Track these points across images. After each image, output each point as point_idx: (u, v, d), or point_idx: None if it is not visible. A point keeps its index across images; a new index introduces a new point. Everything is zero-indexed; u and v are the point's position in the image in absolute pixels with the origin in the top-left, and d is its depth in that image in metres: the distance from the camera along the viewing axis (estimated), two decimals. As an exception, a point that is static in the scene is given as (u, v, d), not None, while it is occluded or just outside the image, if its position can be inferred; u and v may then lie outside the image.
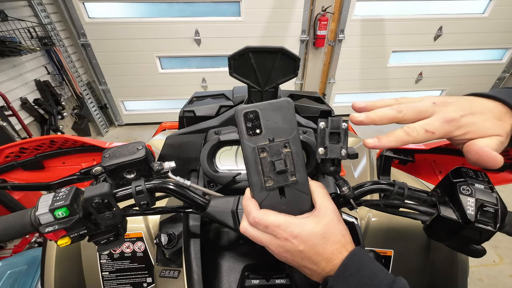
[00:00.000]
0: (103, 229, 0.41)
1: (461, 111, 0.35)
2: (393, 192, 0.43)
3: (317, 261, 0.33)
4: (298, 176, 0.36)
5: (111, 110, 3.54)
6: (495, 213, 0.38)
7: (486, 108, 0.35)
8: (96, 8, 2.83)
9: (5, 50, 2.12)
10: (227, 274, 0.51)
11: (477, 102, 0.36)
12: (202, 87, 3.41)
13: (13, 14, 2.30)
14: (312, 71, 3.39)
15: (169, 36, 2.99)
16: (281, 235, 0.33)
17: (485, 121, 0.34)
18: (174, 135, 0.68)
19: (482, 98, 0.37)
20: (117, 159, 0.41)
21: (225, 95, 0.80)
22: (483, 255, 0.41)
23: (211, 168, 0.58)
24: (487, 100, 0.36)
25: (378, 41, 3.24)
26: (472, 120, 0.34)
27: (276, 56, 0.52)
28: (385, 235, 0.71)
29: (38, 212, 0.35)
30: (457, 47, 3.38)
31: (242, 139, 0.35)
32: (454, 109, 0.35)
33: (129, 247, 0.67)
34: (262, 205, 0.36)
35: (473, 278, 1.72)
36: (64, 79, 2.92)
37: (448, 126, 0.34)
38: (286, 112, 0.35)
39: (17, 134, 2.12)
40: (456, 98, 0.37)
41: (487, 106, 0.35)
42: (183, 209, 0.49)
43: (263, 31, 3.06)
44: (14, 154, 0.64)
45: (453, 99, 0.37)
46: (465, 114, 0.35)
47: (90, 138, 0.68)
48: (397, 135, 0.36)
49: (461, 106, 0.35)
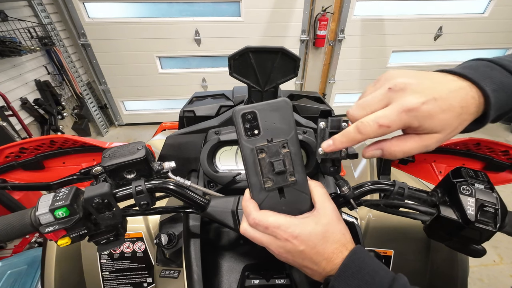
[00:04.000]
0: (103, 229, 0.41)
1: (423, 96, 0.29)
2: (393, 192, 0.43)
3: (318, 261, 0.33)
4: (297, 176, 0.36)
5: (111, 110, 3.54)
6: (495, 213, 0.38)
7: (452, 92, 0.30)
8: (96, 8, 2.83)
9: (5, 50, 2.12)
10: (227, 274, 0.51)
11: (443, 83, 0.31)
12: (202, 87, 3.41)
13: (13, 14, 2.30)
14: (312, 71, 3.39)
15: (169, 36, 2.99)
16: (282, 235, 0.33)
17: (444, 112, 0.29)
18: (174, 135, 0.68)
19: (451, 75, 0.32)
20: (117, 159, 0.41)
21: (225, 95, 0.80)
22: (483, 255, 0.41)
23: (211, 168, 0.58)
24: (456, 79, 0.31)
25: (378, 41, 3.24)
26: (433, 109, 0.29)
27: (276, 56, 0.52)
28: (385, 235, 0.71)
29: (38, 212, 0.35)
30: (457, 47, 3.38)
31: (240, 140, 0.35)
32: (414, 95, 0.30)
33: (129, 247, 0.67)
34: (262, 206, 0.36)
35: (473, 278, 1.72)
36: (64, 79, 2.92)
37: (405, 117, 0.30)
38: (284, 112, 0.35)
39: (17, 134, 2.12)
40: (419, 76, 0.31)
41: (454, 88, 0.30)
42: (183, 209, 0.49)
43: (263, 31, 3.05)
44: (14, 154, 0.64)
45: (414, 79, 0.31)
46: (427, 100, 0.29)
47: (90, 138, 0.68)
48: (348, 135, 0.33)
49: (422, 89, 0.30)
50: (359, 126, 0.31)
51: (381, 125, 0.30)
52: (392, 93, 0.31)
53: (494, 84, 0.30)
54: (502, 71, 0.31)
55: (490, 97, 0.29)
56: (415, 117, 0.29)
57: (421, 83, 0.30)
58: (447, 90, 0.30)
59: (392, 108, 0.30)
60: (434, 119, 0.30)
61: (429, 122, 0.30)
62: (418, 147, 0.32)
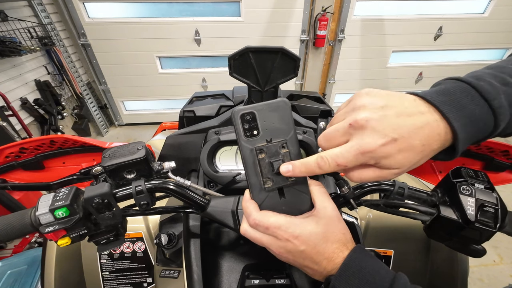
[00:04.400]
0: (103, 229, 0.41)
1: (381, 136, 0.28)
2: (393, 192, 0.43)
3: (319, 261, 0.33)
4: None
5: (111, 110, 3.54)
6: (495, 213, 0.38)
7: (415, 129, 0.28)
8: (96, 8, 2.83)
9: (5, 50, 2.12)
10: (227, 274, 0.51)
11: (409, 116, 0.29)
12: (202, 87, 3.41)
13: (13, 14, 2.30)
14: (312, 71, 3.39)
15: (169, 36, 2.99)
16: (282, 236, 0.33)
17: (402, 152, 0.29)
18: (174, 135, 0.68)
19: (423, 103, 0.30)
20: (117, 159, 0.41)
21: (225, 95, 0.80)
22: (483, 255, 0.41)
23: (211, 168, 0.58)
24: (425, 111, 0.29)
25: (378, 41, 3.24)
26: (391, 151, 0.29)
27: (276, 56, 0.52)
28: (385, 235, 0.71)
29: (38, 212, 0.35)
30: (457, 47, 3.38)
31: (239, 140, 0.35)
32: (372, 135, 0.29)
33: (129, 247, 0.67)
34: (262, 206, 0.36)
35: (473, 278, 1.72)
36: (64, 79, 2.92)
37: (362, 158, 0.29)
38: (283, 112, 0.35)
39: (17, 134, 2.12)
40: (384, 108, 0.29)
41: (419, 124, 0.28)
42: (183, 209, 0.49)
43: (263, 31, 3.05)
44: (14, 154, 0.64)
45: (376, 114, 0.29)
46: (386, 142, 0.28)
47: (90, 138, 0.68)
48: (308, 167, 0.32)
49: (383, 127, 0.28)
50: (319, 162, 0.32)
51: (339, 164, 0.31)
52: (352, 129, 0.30)
53: (465, 118, 0.28)
54: (477, 98, 0.29)
55: (458, 133, 0.28)
56: (371, 157, 0.29)
57: (383, 119, 0.29)
58: (411, 127, 0.28)
59: (350, 148, 0.30)
60: (391, 159, 0.29)
61: (386, 161, 0.29)
62: (375, 177, 0.32)
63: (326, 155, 0.31)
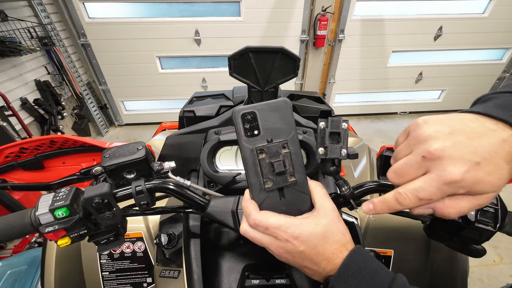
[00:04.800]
0: (103, 229, 0.41)
1: (463, 163, 0.27)
2: (393, 192, 0.42)
3: (318, 261, 0.33)
4: (297, 176, 0.36)
5: (111, 110, 3.54)
6: (495, 213, 0.38)
7: (495, 148, 0.27)
8: (96, 8, 2.83)
9: (5, 50, 2.12)
10: (227, 274, 0.51)
11: (481, 136, 0.28)
12: (202, 87, 3.41)
13: (13, 14, 2.30)
14: (312, 71, 3.39)
15: (169, 36, 2.99)
16: (282, 236, 0.33)
17: (491, 175, 0.27)
18: (174, 135, 0.68)
19: (488, 120, 0.29)
20: (117, 159, 0.41)
21: (225, 95, 0.80)
22: (483, 255, 0.41)
23: (211, 168, 0.58)
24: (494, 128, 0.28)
25: (378, 41, 3.24)
26: (478, 176, 0.27)
27: (276, 56, 0.52)
28: (385, 235, 0.71)
29: (38, 212, 0.35)
30: (457, 47, 3.38)
31: (240, 140, 0.35)
32: (454, 164, 0.27)
33: (129, 247, 0.67)
34: (262, 206, 0.36)
35: (473, 278, 1.72)
36: (64, 79, 2.92)
37: (448, 189, 0.28)
38: (283, 112, 0.35)
39: (17, 134, 2.12)
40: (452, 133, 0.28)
41: (496, 142, 0.27)
42: (183, 209, 0.49)
43: (263, 31, 3.05)
44: (14, 154, 0.64)
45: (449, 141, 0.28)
46: (469, 168, 0.27)
47: (90, 138, 0.68)
48: (388, 203, 0.32)
49: (461, 154, 0.27)
50: (398, 198, 0.30)
51: (422, 198, 0.29)
52: (428, 162, 0.29)
53: None
54: None
55: None
56: (460, 187, 0.28)
57: (458, 145, 0.27)
58: (489, 147, 0.27)
59: (431, 180, 0.28)
60: (481, 184, 0.27)
61: (477, 187, 0.28)
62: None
63: (405, 190, 0.30)
